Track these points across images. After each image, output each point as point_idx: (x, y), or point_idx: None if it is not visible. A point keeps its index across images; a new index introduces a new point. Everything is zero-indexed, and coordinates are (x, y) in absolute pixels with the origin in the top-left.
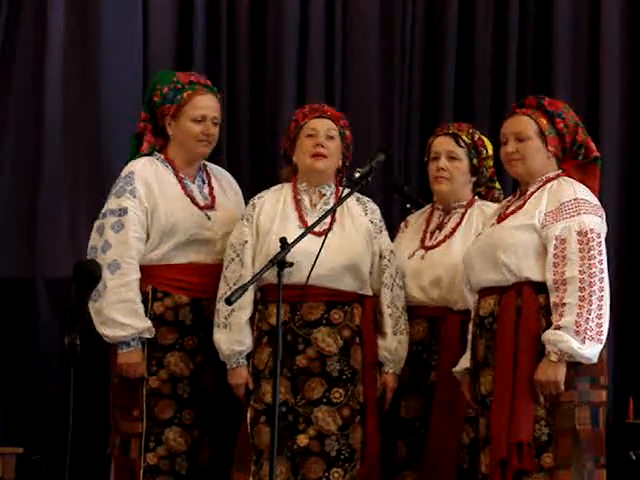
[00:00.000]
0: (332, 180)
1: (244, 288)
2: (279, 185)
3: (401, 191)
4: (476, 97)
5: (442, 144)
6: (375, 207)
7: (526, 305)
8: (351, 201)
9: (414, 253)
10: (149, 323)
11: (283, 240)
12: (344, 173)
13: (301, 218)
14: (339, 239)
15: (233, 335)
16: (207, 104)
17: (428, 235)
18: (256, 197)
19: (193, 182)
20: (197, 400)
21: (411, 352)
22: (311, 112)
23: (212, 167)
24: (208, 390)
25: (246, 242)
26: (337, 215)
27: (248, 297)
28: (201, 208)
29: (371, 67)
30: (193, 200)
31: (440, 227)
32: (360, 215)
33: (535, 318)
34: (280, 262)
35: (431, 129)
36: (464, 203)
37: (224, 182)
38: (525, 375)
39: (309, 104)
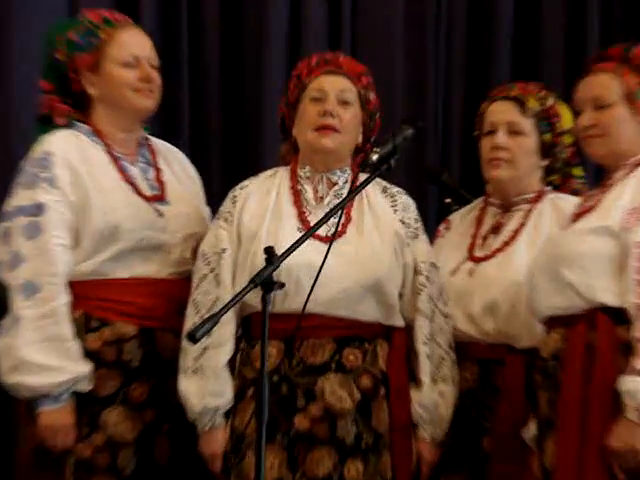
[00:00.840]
0: (347, 163)
1: (214, 319)
2: (271, 170)
3: (438, 180)
4: (545, 52)
5: (500, 112)
6: (409, 201)
7: (600, 341)
8: (373, 193)
9: (459, 267)
10: (88, 367)
11: (269, 250)
12: (367, 154)
13: (301, 217)
14: (356, 247)
15: (207, 384)
16: (137, 41)
17: (479, 242)
18: (237, 187)
19: (133, 163)
20: (146, 478)
21: (456, 409)
22: (319, 65)
23: (156, 142)
24: (160, 463)
25: (224, 251)
26: (353, 213)
27: (227, 330)
28: (148, 200)
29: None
30: (136, 189)
31: (496, 230)
32: (386, 213)
33: (612, 359)
34: (265, 282)
35: (480, 93)
36: (531, 196)
37: (175, 164)
38: (596, 441)
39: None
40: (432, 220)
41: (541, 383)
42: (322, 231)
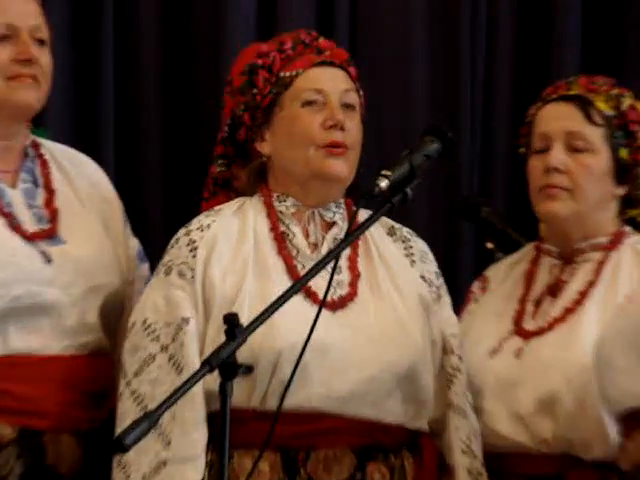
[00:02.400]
0: (343, 192)
1: (151, 419)
2: (236, 201)
3: (475, 216)
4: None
5: (556, 119)
6: (425, 247)
7: None
8: (379, 236)
9: (501, 346)
10: None
11: (230, 319)
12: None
13: (292, 272)
14: (376, 316)
15: None
16: (14, 3)
17: (529, 308)
18: (193, 228)
19: (14, 185)
20: None
21: None
22: (298, 50)
23: (52, 149)
24: None
25: (186, 322)
26: (361, 266)
27: (199, 437)
28: (31, 238)
29: None
30: (12, 222)
31: (554, 291)
32: (403, 265)
33: None
34: (225, 364)
35: (533, 96)
36: (603, 241)
37: (81, 179)
38: None
39: (290, 32)
40: (467, 274)
41: None
42: (330, 294)
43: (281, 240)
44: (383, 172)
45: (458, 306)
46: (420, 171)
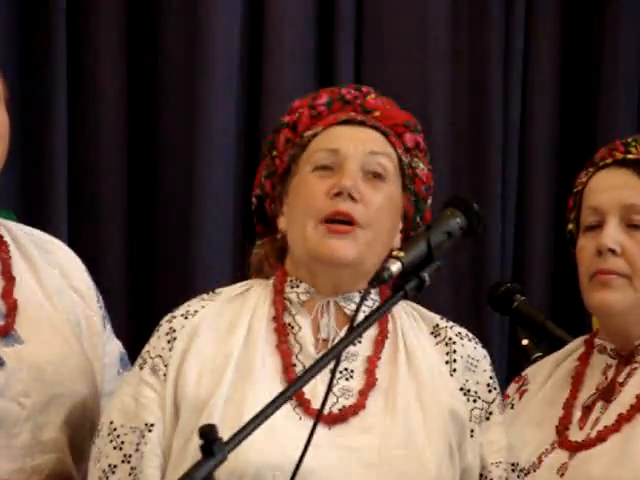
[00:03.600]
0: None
1: None
2: (242, 285)
3: (507, 307)
4: None
5: (610, 189)
6: (479, 351)
7: None
8: (415, 333)
9: (541, 460)
10: None
11: (207, 433)
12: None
13: (288, 374)
14: (382, 438)
15: None
16: None
17: (576, 414)
18: (181, 309)
19: None
20: None
21: None
22: (344, 107)
23: (13, 230)
24: None
25: (150, 429)
26: (380, 371)
27: None
28: None
29: None
30: None
31: (608, 395)
32: (437, 373)
33: None
34: None
35: (583, 156)
36: None
37: (47, 267)
38: None
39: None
40: (498, 379)
41: None
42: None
43: (283, 333)
44: (394, 253)
45: None
46: (440, 252)
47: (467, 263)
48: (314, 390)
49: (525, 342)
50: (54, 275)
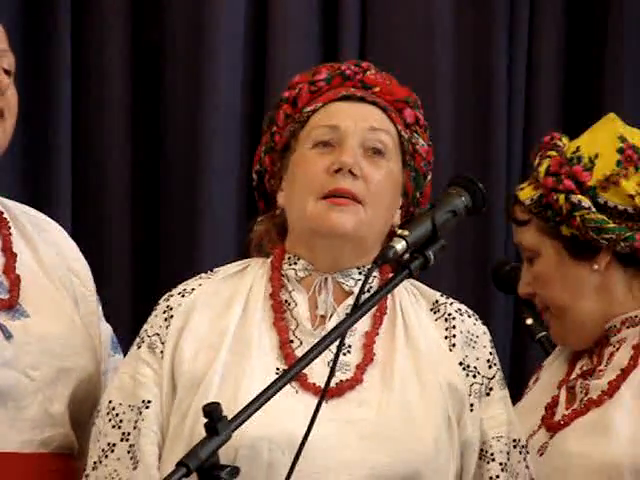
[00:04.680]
0: (370, 255)
1: None
2: (240, 263)
3: (509, 285)
4: None
5: (518, 232)
6: (479, 327)
7: None
8: (414, 310)
9: (529, 439)
10: None
11: (211, 411)
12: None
13: (285, 349)
14: (378, 410)
15: None
16: None
17: (563, 396)
18: (175, 292)
19: None
20: None
21: None
22: (334, 82)
23: (12, 208)
24: None
25: (147, 405)
26: (379, 347)
27: None
28: None
29: None
30: None
31: (586, 376)
32: (436, 348)
33: None
34: (205, 465)
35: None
36: (631, 316)
37: (45, 245)
38: None
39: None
40: (502, 358)
41: None
42: (322, 378)
43: (279, 310)
44: (399, 232)
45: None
46: (444, 231)
47: (471, 242)
48: (309, 366)
49: (530, 321)
50: (51, 254)
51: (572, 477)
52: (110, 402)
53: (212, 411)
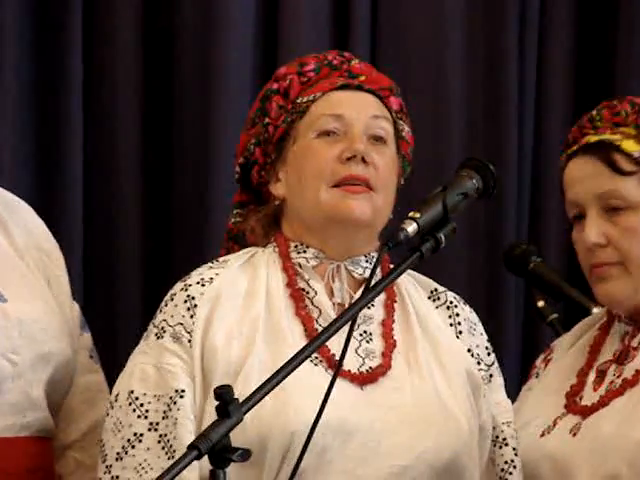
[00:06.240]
0: (375, 245)
1: None
2: (247, 251)
3: (521, 268)
4: None
5: (582, 180)
6: (473, 315)
7: None
8: (418, 297)
9: (555, 423)
10: None
11: (222, 393)
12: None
13: (311, 336)
14: (413, 395)
15: None
16: None
17: (591, 380)
18: (193, 281)
19: None
20: None
21: None
22: (323, 72)
23: None
24: None
25: (182, 395)
26: (397, 332)
27: None
28: None
29: None
30: None
31: (621, 359)
32: (446, 335)
33: None
34: (216, 448)
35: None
36: None
37: (16, 226)
38: None
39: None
40: (512, 339)
41: None
42: (353, 365)
43: (299, 298)
44: (410, 214)
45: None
46: (456, 213)
47: (483, 225)
48: (339, 347)
49: (541, 304)
50: (22, 234)
51: (609, 459)
52: (132, 392)
53: (223, 394)
